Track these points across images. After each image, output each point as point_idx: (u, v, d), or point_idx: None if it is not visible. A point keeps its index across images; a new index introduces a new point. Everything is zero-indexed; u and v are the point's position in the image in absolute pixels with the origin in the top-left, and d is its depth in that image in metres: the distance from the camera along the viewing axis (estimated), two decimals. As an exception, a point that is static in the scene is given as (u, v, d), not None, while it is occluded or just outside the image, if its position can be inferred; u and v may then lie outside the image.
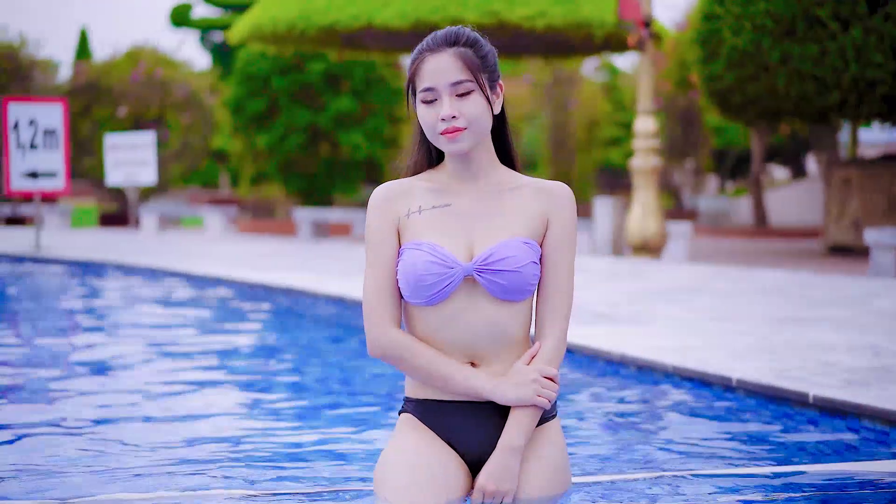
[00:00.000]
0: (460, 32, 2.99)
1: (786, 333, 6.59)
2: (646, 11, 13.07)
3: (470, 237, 2.99)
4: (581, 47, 18.70)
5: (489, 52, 3.01)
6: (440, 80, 2.92)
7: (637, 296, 8.84)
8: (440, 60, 2.93)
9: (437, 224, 2.99)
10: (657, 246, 13.50)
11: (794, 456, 4.15)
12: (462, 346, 2.97)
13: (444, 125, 2.92)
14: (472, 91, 2.93)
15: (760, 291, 9.26)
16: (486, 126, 2.98)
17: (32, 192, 13.98)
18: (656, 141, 13.61)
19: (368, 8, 16.03)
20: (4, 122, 13.53)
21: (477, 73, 2.94)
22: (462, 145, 2.94)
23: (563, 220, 3.03)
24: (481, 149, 3.02)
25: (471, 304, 2.95)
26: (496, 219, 3.01)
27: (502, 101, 3.04)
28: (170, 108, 27.07)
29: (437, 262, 2.91)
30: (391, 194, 3.03)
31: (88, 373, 6.01)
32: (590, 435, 4.51)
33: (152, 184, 18.87)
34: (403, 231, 3.00)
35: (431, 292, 2.92)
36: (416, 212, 3.01)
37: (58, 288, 11.19)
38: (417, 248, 2.94)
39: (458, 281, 2.93)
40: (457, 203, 3.02)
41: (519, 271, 2.93)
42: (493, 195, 3.03)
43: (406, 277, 2.93)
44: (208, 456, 4.00)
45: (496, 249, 2.94)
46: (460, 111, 2.91)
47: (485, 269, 2.93)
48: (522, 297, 2.97)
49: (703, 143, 27.45)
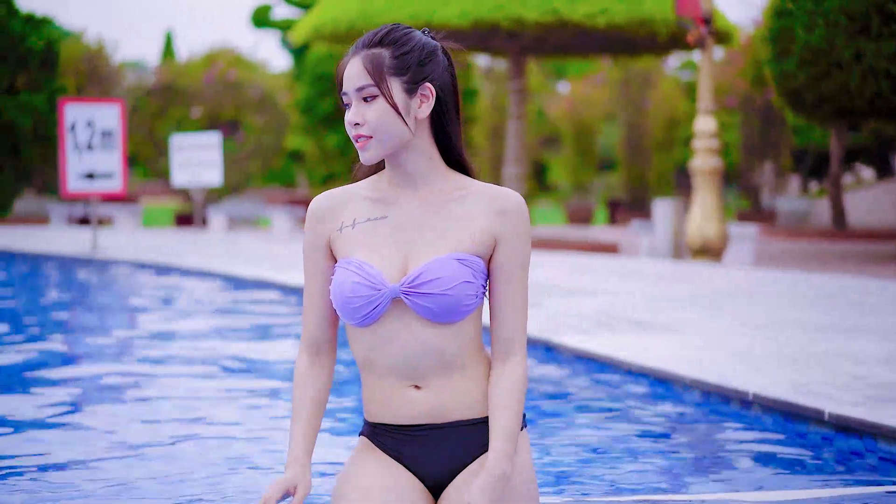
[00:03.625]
0: (381, 32, 2.79)
1: (823, 343, 6.30)
2: (706, 8, 12.72)
3: (404, 253, 2.82)
4: (645, 45, 18.36)
5: (413, 52, 2.79)
6: (349, 85, 2.78)
7: (679, 302, 8.56)
8: (351, 65, 2.78)
9: (370, 239, 2.83)
10: (718, 249, 13.14)
11: (804, 477, 3.93)
12: (399, 368, 2.81)
13: (353, 132, 2.77)
14: (376, 96, 2.75)
15: (812, 297, 8.92)
16: (395, 133, 2.77)
17: (89, 194, 14.05)
18: (716, 141, 13.27)
19: (427, 7, 15.90)
20: (61, 123, 13.61)
21: (383, 76, 2.74)
22: (369, 154, 2.78)
23: (514, 233, 2.83)
24: (412, 154, 2.82)
25: (404, 326, 2.79)
26: (433, 232, 2.82)
27: (432, 103, 2.81)
28: (244, 108, 27.24)
29: (364, 282, 2.76)
30: (325, 207, 2.88)
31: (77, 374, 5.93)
32: (588, 448, 4.33)
33: (218, 185, 18.91)
34: (336, 246, 2.85)
35: (360, 314, 2.77)
36: (350, 226, 2.85)
37: (97, 287, 11.24)
38: (346, 267, 2.79)
39: (386, 303, 2.77)
40: (394, 215, 2.84)
41: (447, 294, 2.74)
42: (434, 205, 2.84)
43: (335, 298, 2.80)
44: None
45: (425, 269, 2.75)
46: (364, 117, 2.75)
47: (411, 290, 2.75)
48: (456, 318, 2.79)
49: (784, 142, 26.89)
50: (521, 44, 17.60)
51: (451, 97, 2.85)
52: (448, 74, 2.84)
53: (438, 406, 2.82)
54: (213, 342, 7.44)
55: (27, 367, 6.31)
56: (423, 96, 2.79)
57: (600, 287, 9.68)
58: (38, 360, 6.58)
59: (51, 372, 6.13)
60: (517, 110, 18.05)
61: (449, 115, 2.85)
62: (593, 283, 10.02)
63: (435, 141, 2.86)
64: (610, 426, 4.87)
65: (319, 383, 2.89)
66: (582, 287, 9.67)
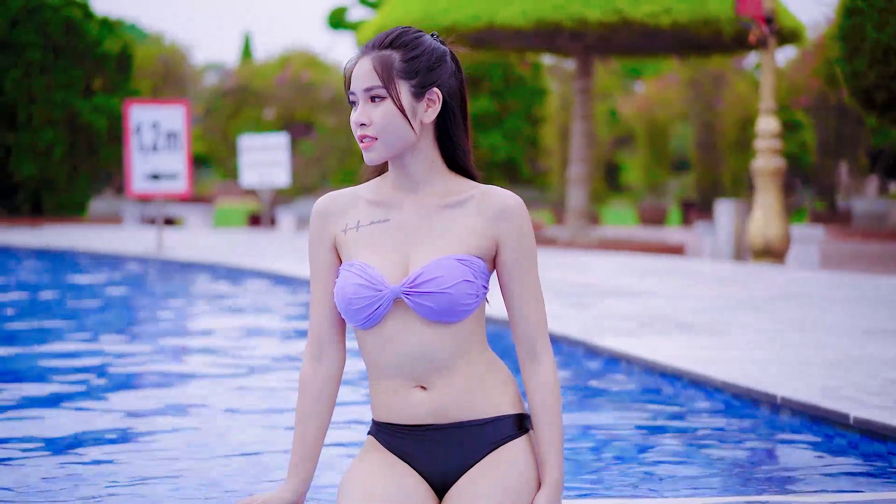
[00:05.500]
0: (392, 34, 2.84)
1: (867, 347, 6.20)
2: (768, 7, 12.56)
3: (406, 255, 2.85)
4: (711, 45, 18.15)
5: (422, 56, 2.83)
6: (357, 85, 2.82)
7: (728, 303, 8.46)
8: (361, 65, 2.81)
9: (372, 241, 2.87)
10: (780, 251, 12.96)
11: (823, 481, 3.89)
12: (403, 369, 2.84)
13: (358, 132, 2.82)
14: (384, 98, 2.79)
15: (869, 300, 8.78)
16: (400, 136, 2.81)
17: (154, 195, 14.26)
18: (778, 141, 13.09)
19: (489, 7, 15.89)
20: (126, 124, 13.84)
21: (392, 78, 2.78)
22: (373, 155, 2.82)
23: (516, 234, 2.86)
24: (416, 157, 2.87)
25: (406, 327, 2.82)
26: (434, 234, 2.86)
27: (438, 108, 2.84)
28: (317, 109, 27.45)
29: (366, 284, 2.79)
30: (329, 209, 2.93)
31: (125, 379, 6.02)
32: (605, 447, 4.33)
33: (286, 185, 19.10)
34: (341, 248, 2.90)
35: (362, 316, 2.81)
36: (354, 228, 2.89)
37: (153, 285, 11.40)
38: (349, 270, 2.83)
39: (387, 304, 2.80)
40: (396, 217, 2.88)
41: (447, 293, 2.77)
42: (435, 208, 2.88)
43: (338, 301, 2.84)
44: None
45: (425, 269, 2.79)
46: (370, 118, 2.79)
47: (412, 290, 2.79)
48: (456, 318, 2.82)
49: (861, 142, 26.44)
50: (586, 43, 17.52)
51: (458, 102, 2.89)
52: (455, 80, 2.89)
53: (442, 407, 2.85)
54: (246, 341, 7.53)
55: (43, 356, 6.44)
56: (429, 101, 2.83)
57: (652, 288, 9.62)
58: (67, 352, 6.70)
59: (67, 361, 6.24)
60: (583, 110, 17.97)
61: (455, 120, 2.89)
62: (646, 285, 9.96)
63: (438, 145, 2.91)
64: (633, 426, 4.85)
65: (324, 389, 2.92)
66: (634, 288, 9.61)
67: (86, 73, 24.20)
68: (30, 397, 5.37)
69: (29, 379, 5.88)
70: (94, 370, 6.15)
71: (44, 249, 15.25)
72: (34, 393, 5.49)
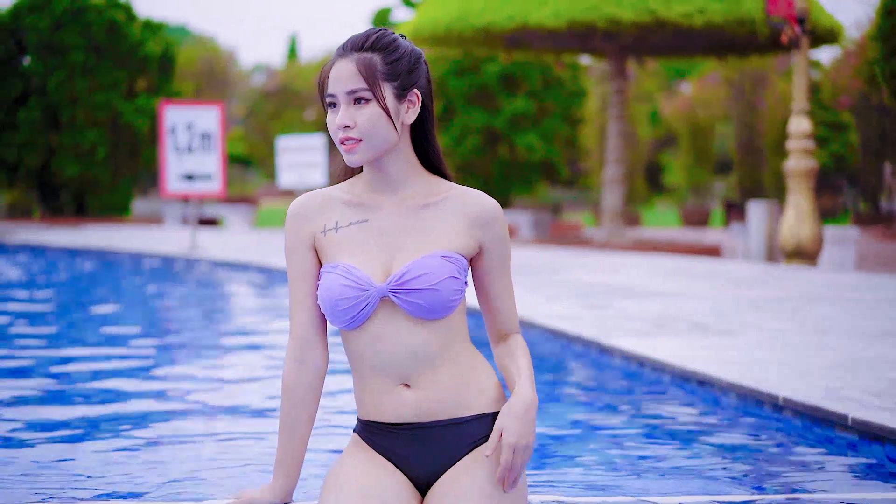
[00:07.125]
0: (371, 35, 2.84)
1: (879, 348, 6.17)
2: (800, 7, 12.48)
3: (388, 255, 2.88)
4: (747, 46, 18.05)
5: (403, 58, 2.85)
6: (338, 87, 2.81)
7: (750, 304, 8.43)
8: (341, 67, 2.81)
9: (353, 243, 2.89)
10: (812, 252, 12.88)
11: (820, 481, 3.89)
12: (388, 367, 2.86)
13: (341, 134, 2.81)
14: (368, 100, 2.80)
15: (892, 302, 8.70)
16: (385, 137, 2.83)
17: (188, 195, 14.41)
18: (810, 142, 13.00)
19: (523, 8, 15.89)
20: (160, 125, 13.99)
21: (376, 81, 2.80)
22: (356, 157, 2.83)
23: (497, 236, 2.92)
24: (396, 159, 2.89)
25: (392, 326, 2.84)
26: (416, 233, 2.88)
27: (418, 109, 2.88)
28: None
29: (351, 285, 2.81)
30: (306, 211, 2.93)
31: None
32: (612, 447, 4.35)
33: (323, 186, 19.20)
34: (321, 250, 2.91)
35: (348, 316, 2.83)
36: (333, 229, 2.90)
37: (178, 283, 11.50)
38: (332, 271, 2.85)
39: (374, 303, 2.82)
40: (374, 218, 2.90)
41: (436, 289, 2.80)
42: (413, 208, 2.91)
43: (323, 303, 2.85)
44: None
45: (411, 267, 2.82)
46: (355, 120, 2.80)
47: (399, 288, 2.81)
48: (443, 314, 2.84)
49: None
50: (620, 44, 17.49)
51: (430, 104, 2.92)
52: (426, 81, 2.92)
53: (427, 405, 2.87)
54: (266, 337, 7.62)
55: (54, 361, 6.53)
56: (410, 102, 2.86)
57: (678, 290, 9.60)
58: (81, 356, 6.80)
59: (84, 365, 6.33)
60: (618, 111, 17.95)
61: (431, 120, 2.93)
62: (670, 286, 9.93)
63: (413, 146, 2.94)
64: (635, 426, 4.87)
65: (308, 391, 2.94)
66: (657, 289, 9.60)
67: (128, 74, 24.47)
68: (39, 390, 5.47)
69: (27, 376, 5.97)
70: (94, 370, 6.23)
71: (76, 248, 15.43)
72: (45, 387, 5.58)
